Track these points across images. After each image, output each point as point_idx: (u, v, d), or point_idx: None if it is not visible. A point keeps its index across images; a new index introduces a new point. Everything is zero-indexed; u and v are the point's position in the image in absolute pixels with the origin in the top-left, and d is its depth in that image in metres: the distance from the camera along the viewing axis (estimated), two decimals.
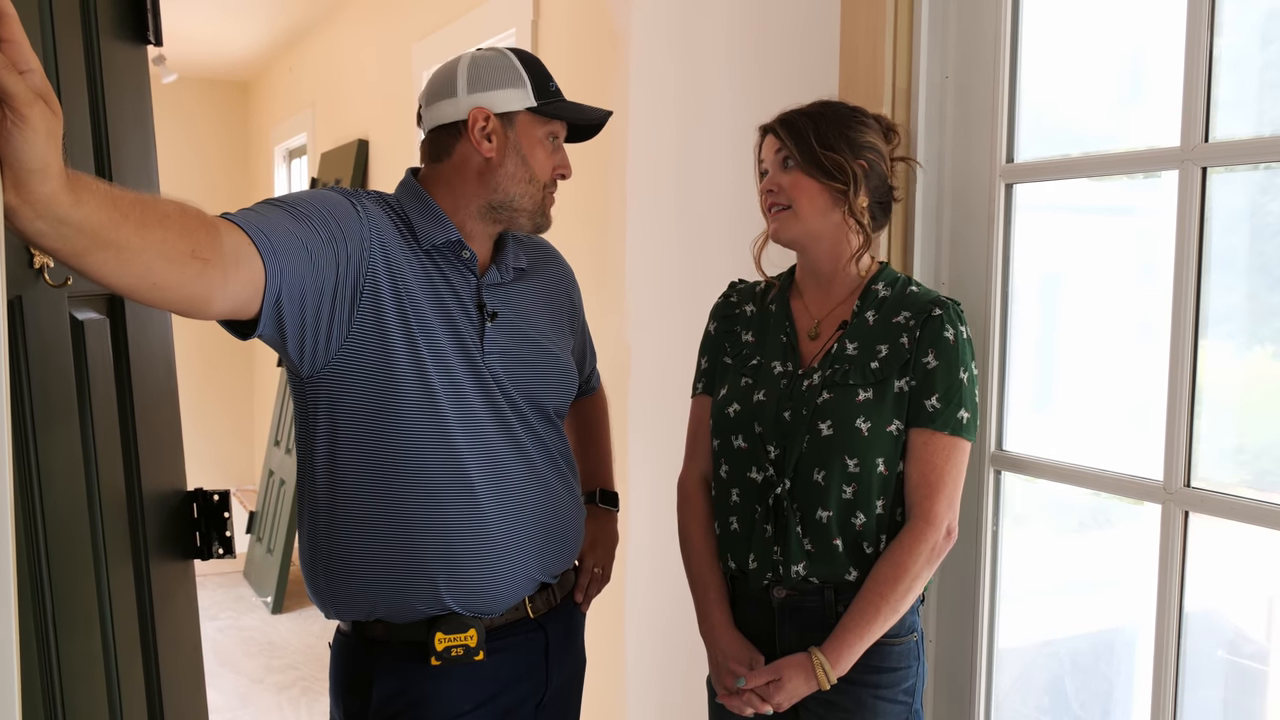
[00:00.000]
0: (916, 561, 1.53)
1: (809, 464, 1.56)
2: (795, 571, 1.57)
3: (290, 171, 6.77)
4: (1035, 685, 1.91)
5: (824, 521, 1.56)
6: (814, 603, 1.59)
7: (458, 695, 1.54)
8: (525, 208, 1.57)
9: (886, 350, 1.57)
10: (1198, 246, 1.49)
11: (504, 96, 1.54)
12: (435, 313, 1.51)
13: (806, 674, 1.54)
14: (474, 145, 1.54)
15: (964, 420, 1.54)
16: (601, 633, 2.81)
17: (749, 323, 1.73)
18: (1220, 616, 1.60)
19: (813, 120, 1.60)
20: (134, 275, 1.09)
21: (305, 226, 1.37)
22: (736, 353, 1.71)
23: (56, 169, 0.92)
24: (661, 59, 2.57)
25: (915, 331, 1.55)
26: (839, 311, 1.65)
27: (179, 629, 1.74)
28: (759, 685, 1.57)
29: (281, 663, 4.28)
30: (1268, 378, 1.54)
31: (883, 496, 1.56)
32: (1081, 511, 1.88)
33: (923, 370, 1.55)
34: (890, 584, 1.53)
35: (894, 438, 1.55)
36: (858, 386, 1.56)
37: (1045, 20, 1.76)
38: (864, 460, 1.54)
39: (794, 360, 1.64)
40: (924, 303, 1.58)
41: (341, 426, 1.50)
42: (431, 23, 4.01)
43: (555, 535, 1.62)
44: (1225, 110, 1.48)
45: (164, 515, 1.70)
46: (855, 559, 1.57)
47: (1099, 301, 1.82)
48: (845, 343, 1.60)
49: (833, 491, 1.55)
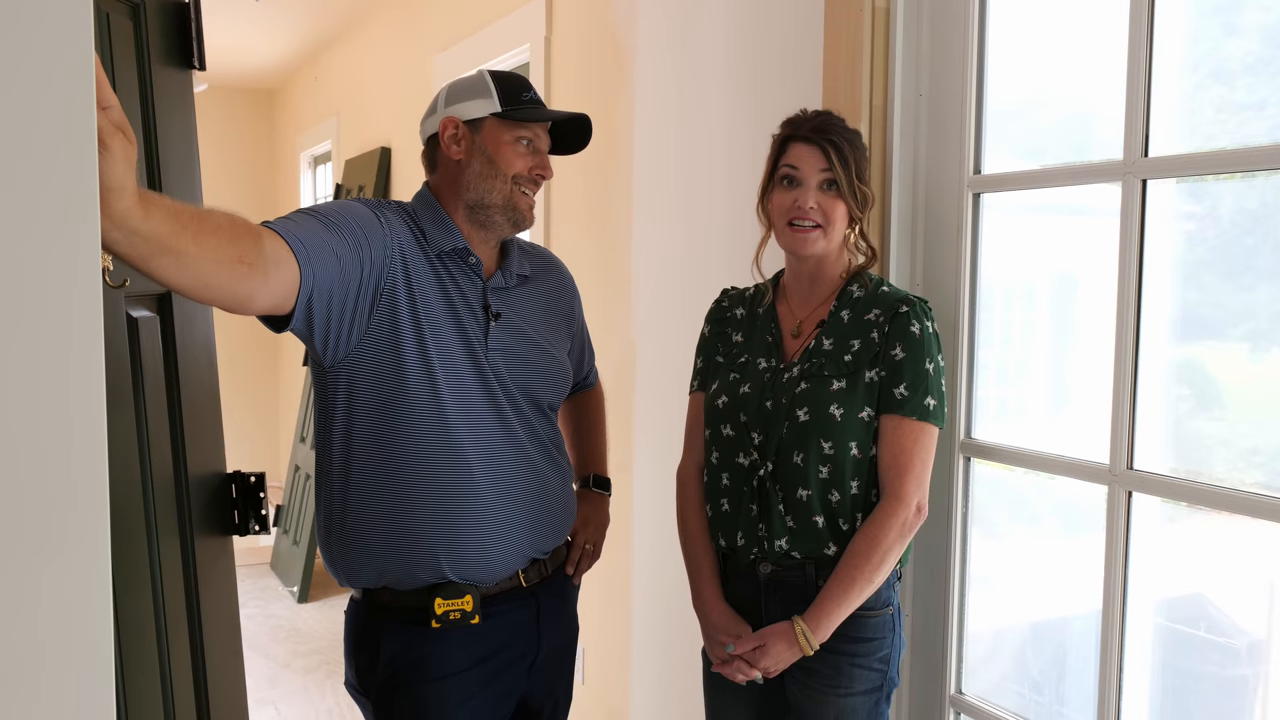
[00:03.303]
0: (888, 536, 1.66)
1: (789, 447, 1.71)
2: (779, 546, 1.72)
3: (315, 178, 6.96)
4: (1001, 656, 2.06)
5: (804, 500, 1.70)
6: (796, 578, 1.73)
7: (455, 655, 1.71)
8: (496, 204, 1.73)
9: (859, 344, 1.71)
10: (1139, 250, 1.65)
11: (471, 106, 1.73)
12: (445, 313, 1.68)
13: (789, 640, 1.69)
14: (445, 149, 1.74)
15: (930, 407, 1.68)
16: (609, 608, 2.98)
17: (739, 324, 1.88)
18: (1158, 587, 1.75)
19: (852, 146, 1.72)
20: (190, 277, 1.27)
21: (335, 235, 1.54)
22: (727, 352, 1.87)
23: (131, 188, 1.10)
24: (664, 73, 2.73)
25: (885, 327, 1.69)
26: (819, 311, 1.80)
27: (219, 599, 1.91)
28: (746, 651, 1.72)
29: (307, 648, 4.46)
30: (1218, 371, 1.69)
31: (857, 477, 1.70)
32: (1043, 501, 2.03)
33: (891, 362, 1.69)
34: (865, 557, 1.66)
35: (865, 423, 1.69)
36: (832, 377, 1.70)
37: (1010, 43, 1.91)
38: (838, 443, 1.68)
39: (778, 356, 1.79)
40: (893, 301, 1.72)
41: (357, 412, 1.67)
42: (451, 36, 4.18)
43: (546, 515, 1.79)
44: (1162, 127, 1.63)
45: (206, 495, 1.87)
46: (833, 535, 1.71)
47: (1059, 300, 1.97)
48: (822, 339, 1.75)
49: (811, 472, 1.69)
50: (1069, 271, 1.95)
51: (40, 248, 0.84)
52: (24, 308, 0.83)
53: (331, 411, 1.69)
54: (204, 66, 1.91)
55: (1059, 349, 1.99)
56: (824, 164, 1.69)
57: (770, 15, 2.32)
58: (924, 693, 2.06)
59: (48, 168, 0.85)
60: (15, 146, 0.83)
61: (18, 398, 0.83)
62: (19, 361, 0.83)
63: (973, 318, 1.96)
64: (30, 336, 0.84)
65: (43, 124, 0.84)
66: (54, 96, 0.85)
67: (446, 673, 1.70)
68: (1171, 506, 1.67)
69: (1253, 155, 1.53)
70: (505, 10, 3.60)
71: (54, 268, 0.85)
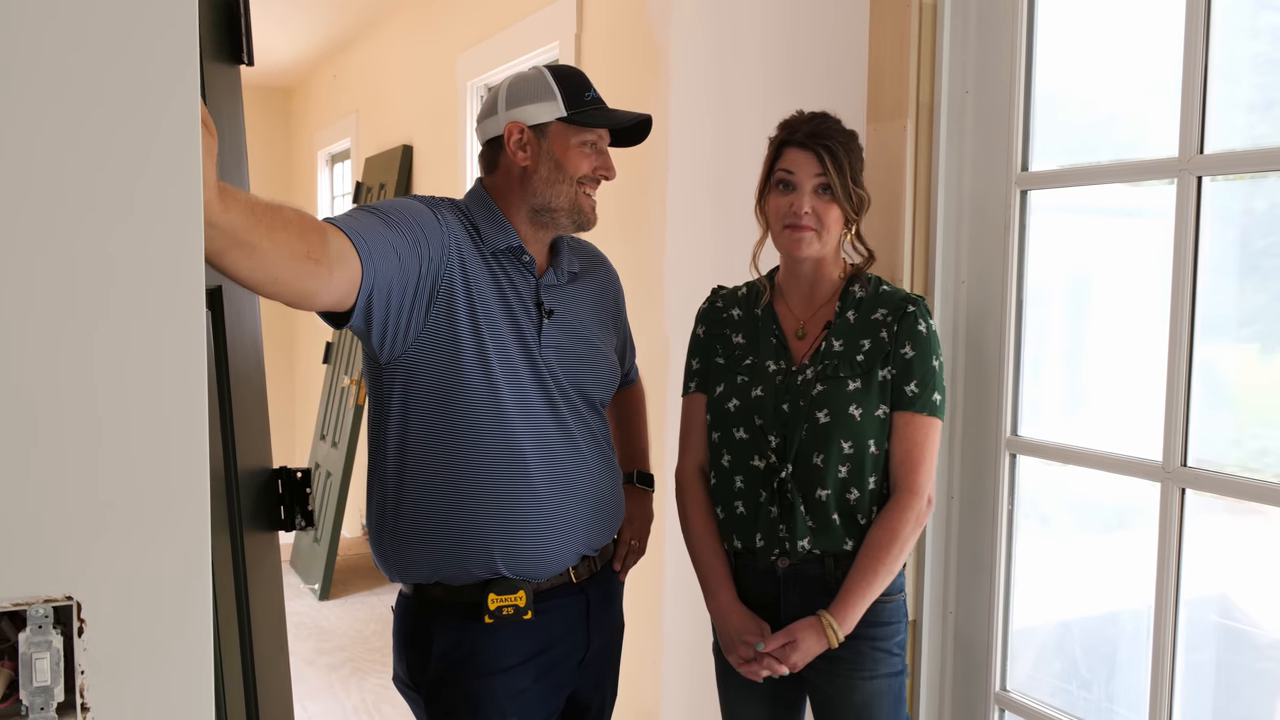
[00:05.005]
0: (905, 527, 1.72)
1: (808, 449, 1.74)
2: (801, 546, 1.75)
3: (333, 176, 6.97)
4: (1048, 652, 2.06)
5: (823, 499, 1.74)
6: (814, 570, 1.77)
7: (508, 649, 1.71)
8: (562, 207, 1.73)
9: (869, 344, 1.75)
10: (1194, 247, 1.64)
11: (536, 110, 1.71)
12: (500, 310, 1.69)
13: (818, 634, 1.72)
14: (511, 156, 1.72)
15: (937, 402, 1.75)
16: (640, 608, 2.98)
17: (737, 325, 1.89)
18: (1212, 585, 1.75)
19: (846, 150, 1.73)
20: (261, 271, 1.27)
21: (396, 233, 1.55)
22: (729, 353, 1.87)
23: (212, 180, 1.10)
24: (699, 70, 2.73)
25: (893, 326, 1.74)
26: (822, 313, 1.82)
27: (267, 593, 1.92)
28: (775, 649, 1.74)
29: (331, 645, 4.47)
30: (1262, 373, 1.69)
31: (874, 473, 1.74)
32: (1094, 503, 2.03)
33: (901, 360, 1.74)
34: (884, 548, 1.72)
35: (881, 421, 1.74)
36: (847, 378, 1.74)
37: (1059, 37, 1.91)
38: (858, 442, 1.72)
39: (786, 358, 1.81)
40: (897, 300, 1.77)
41: (414, 409, 1.67)
42: (477, 33, 4.18)
43: (599, 512, 1.79)
44: (1218, 124, 1.62)
45: (254, 490, 1.88)
46: (850, 530, 1.75)
47: (1109, 299, 1.97)
48: (832, 340, 1.78)
49: (830, 472, 1.73)
50: (1114, 270, 1.95)
51: (146, 249, 0.85)
52: (133, 308, 0.84)
53: (387, 407, 1.69)
54: (252, 61, 1.91)
55: (1103, 346, 1.98)
56: (818, 169, 1.72)
57: (810, 11, 2.32)
58: (967, 689, 2.06)
59: (156, 165, 0.85)
60: (123, 145, 0.83)
61: (130, 393, 0.84)
62: (134, 358, 0.84)
63: (1019, 315, 1.95)
64: (141, 333, 0.84)
65: (152, 122, 0.84)
66: (161, 95, 0.85)
67: (500, 667, 1.71)
68: (1222, 502, 1.67)
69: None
70: (534, 7, 3.59)
71: (158, 265, 0.85)
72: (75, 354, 0.86)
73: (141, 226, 0.85)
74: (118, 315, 0.85)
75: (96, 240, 0.86)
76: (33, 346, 0.84)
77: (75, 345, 0.86)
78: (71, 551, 0.86)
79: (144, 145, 0.85)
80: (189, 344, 0.86)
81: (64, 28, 0.84)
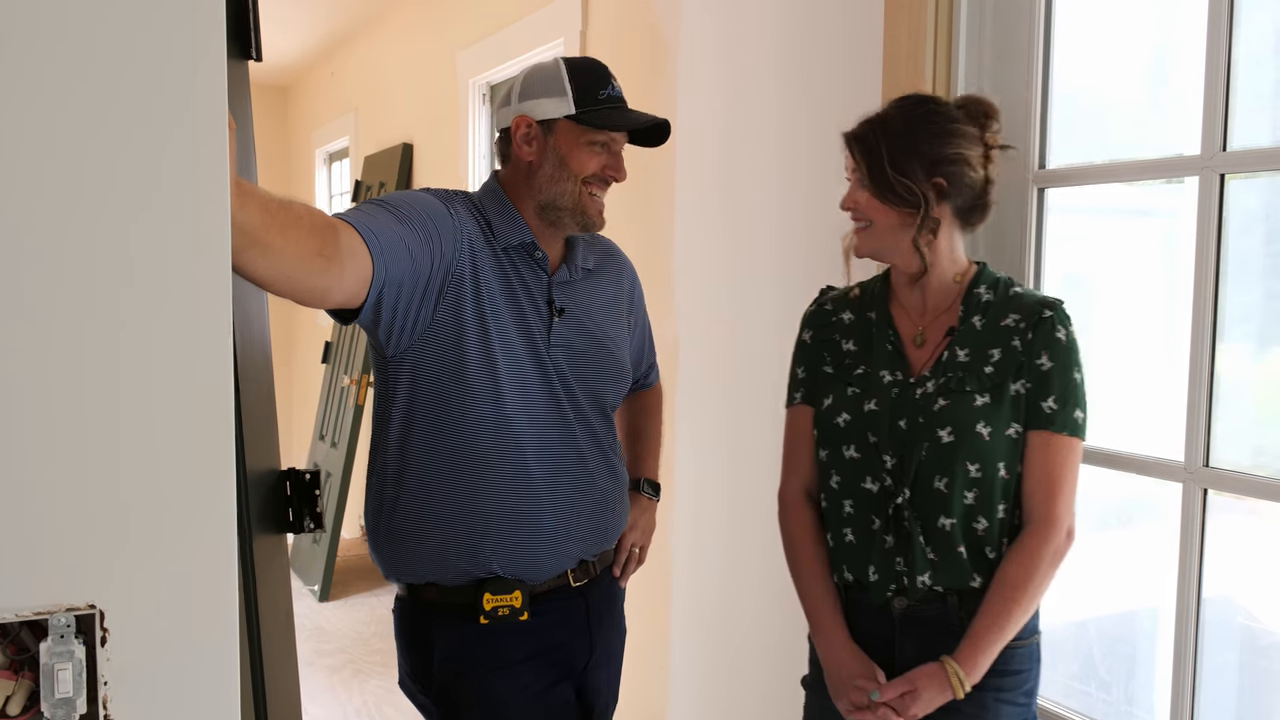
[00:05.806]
0: (1042, 564, 1.51)
1: (929, 472, 1.55)
2: (921, 582, 1.56)
3: (331, 174, 6.94)
4: (1065, 654, 2.04)
5: (946, 529, 1.54)
6: (935, 611, 1.57)
7: (511, 648, 1.69)
8: (566, 206, 1.69)
9: (999, 354, 1.56)
10: (1216, 246, 1.62)
11: (546, 105, 1.67)
12: (509, 306, 1.66)
13: (941, 683, 1.52)
14: (517, 149, 1.69)
15: (1080, 420, 1.54)
16: (647, 613, 2.96)
17: (848, 331, 1.70)
18: (1235, 587, 1.73)
19: (888, 135, 1.57)
20: (275, 270, 1.25)
21: (407, 228, 1.52)
22: (838, 362, 1.69)
23: (232, 177, 1.07)
24: (708, 66, 2.70)
25: (1027, 334, 1.54)
26: (943, 318, 1.63)
27: (275, 595, 1.89)
28: (893, 698, 1.54)
29: (331, 646, 4.45)
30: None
31: (1004, 500, 1.54)
32: (1110, 502, 2.01)
33: (1037, 372, 1.54)
34: (1018, 588, 1.51)
35: (1013, 441, 1.54)
36: (974, 392, 1.54)
37: (1076, 33, 1.89)
38: (986, 465, 1.53)
39: (903, 369, 1.62)
40: (1032, 304, 1.57)
41: (418, 403, 1.65)
42: (479, 30, 4.15)
43: (598, 519, 1.77)
44: (1243, 121, 1.61)
45: (263, 491, 1.85)
46: (978, 565, 1.55)
47: (1127, 298, 1.95)
48: (955, 349, 1.59)
49: (955, 498, 1.53)
50: (1131, 268, 1.93)
51: (172, 247, 0.82)
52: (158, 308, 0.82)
53: (391, 401, 1.67)
54: (260, 57, 1.88)
55: (1120, 346, 1.96)
56: (851, 163, 1.63)
57: (823, 6, 2.29)
58: None
59: (183, 162, 0.83)
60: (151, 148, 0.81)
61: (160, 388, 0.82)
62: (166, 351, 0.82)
63: None
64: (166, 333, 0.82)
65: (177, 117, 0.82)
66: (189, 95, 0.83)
67: (504, 665, 1.69)
68: (1240, 502, 1.65)
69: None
70: (539, 4, 3.57)
71: (183, 264, 0.83)
72: (98, 355, 0.84)
73: (167, 224, 0.82)
74: (142, 315, 0.82)
75: (120, 240, 0.83)
76: (56, 348, 0.82)
77: (99, 346, 0.84)
78: (94, 558, 0.84)
79: (170, 142, 0.82)
80: (215, 344, 0.84)
81: (87, 21, 0.82)
